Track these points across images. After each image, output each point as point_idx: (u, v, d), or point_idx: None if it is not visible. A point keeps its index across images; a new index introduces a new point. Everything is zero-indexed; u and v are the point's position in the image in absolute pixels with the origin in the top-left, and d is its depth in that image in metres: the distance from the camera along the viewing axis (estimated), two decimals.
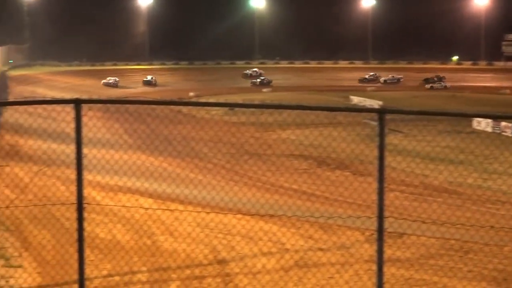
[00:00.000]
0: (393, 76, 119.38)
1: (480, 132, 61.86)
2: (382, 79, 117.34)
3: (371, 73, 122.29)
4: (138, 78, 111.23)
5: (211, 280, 21.16)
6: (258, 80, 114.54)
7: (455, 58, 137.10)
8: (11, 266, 21.35)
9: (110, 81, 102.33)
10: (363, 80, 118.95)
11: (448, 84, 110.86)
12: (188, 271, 21.86)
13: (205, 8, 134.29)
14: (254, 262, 23.03)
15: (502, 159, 49.31)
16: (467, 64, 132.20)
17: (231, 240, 24.79)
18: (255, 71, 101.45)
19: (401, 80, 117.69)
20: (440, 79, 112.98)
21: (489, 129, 63.22)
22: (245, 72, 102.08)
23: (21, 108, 54.59)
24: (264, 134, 56.63)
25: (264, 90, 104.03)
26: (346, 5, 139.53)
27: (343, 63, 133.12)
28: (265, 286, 20.37)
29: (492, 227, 28.64)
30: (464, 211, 34.39)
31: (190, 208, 28.67)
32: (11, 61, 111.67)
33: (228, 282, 21.18)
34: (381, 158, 8.45)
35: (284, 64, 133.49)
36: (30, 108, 59.09)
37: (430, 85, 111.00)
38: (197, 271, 21.99)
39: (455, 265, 23.43)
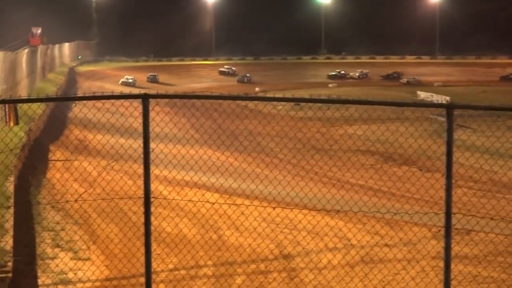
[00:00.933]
0: (362, 71, 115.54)
1: None
2: (356, 75, 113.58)
3: (338, 70, 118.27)
4: (204, 73, 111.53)
5: (277, 275, 21.18)
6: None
7: None
8: (80, 259, 21.63)
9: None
10: (332, 77, 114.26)
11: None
12: (253, 266, 21.91)
13: (271, 2, 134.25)
14: (320, 258, 23.00)
15: None
16: None
17: (297, 235, 24.78)
18: (230, 68, 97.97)
19: (368, 75, 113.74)
20: None
21: None
22: (220, 69, 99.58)
23: (89, 103, 55.19)
24: (330, 129, 56.41)
25: (330, 85, 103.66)
26: None
27: (409, 58, 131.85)
28: (330, 281, 20.30)
29: None
30: None
31: (256, 203, 28.70)
32: (80, 57, 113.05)
33: (294, 277, 21.18)
34: (449, 153, 8.34)
35: (350, 59, 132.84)
36: (99, 103, 59.62)
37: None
38: (262, 266, 22.04)
39: None
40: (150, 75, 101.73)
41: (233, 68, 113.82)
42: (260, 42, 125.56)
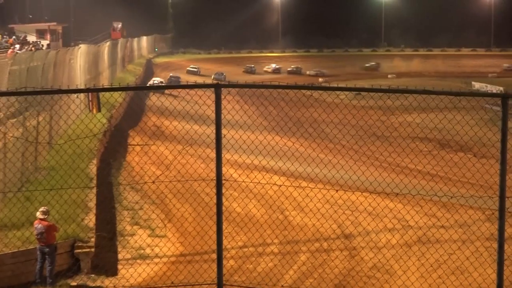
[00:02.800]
0: (296, 67, 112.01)
1: None
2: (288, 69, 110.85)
3: (294, 66, 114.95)
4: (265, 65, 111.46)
5: (338, 253, 21.17)
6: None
7: None
8: (156, 236, 21.88)
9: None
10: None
11: None
12: (316, 244, 21.94)
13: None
14: (379, 237, 22.93)
15: None
16: None
17: (358, 216, 24.71)
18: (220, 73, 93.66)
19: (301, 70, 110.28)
20: None
21: None
22: (188, 68, 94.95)
23: (165, 92, 55.71)
24: (390, 118, 56.07)
25: (389, 76, 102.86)
26: None
27: (465, 51, 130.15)
28: (389, 260, 20.23)
29: None
30: None
31: (319, 186, 28.63)
32: (157, 49, 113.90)
33: (354, 255, 21.16)
34: (503, 141, 8.26)
35: (409, 51, 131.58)
36: (174, 92, 60.21)
37: None
38: (325, 245, 22.05)
39: None
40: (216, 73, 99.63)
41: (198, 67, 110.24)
42: (323, 35, 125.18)
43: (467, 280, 17.25)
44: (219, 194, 8.94)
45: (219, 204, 8.92)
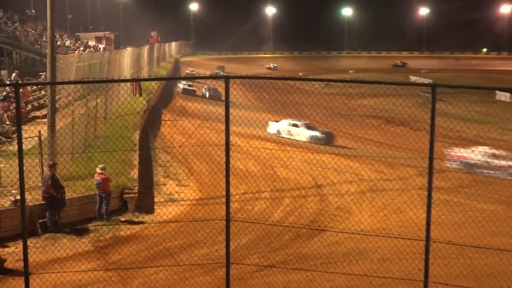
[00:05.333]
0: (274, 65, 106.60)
1: (501, 101, 59.55)
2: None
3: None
4: (264, 63, 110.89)
5: (312, 198, 21.23)
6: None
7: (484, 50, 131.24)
8: (182, 185, 21.93)
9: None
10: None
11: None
12: (297, 192, 21.99)
13: (314, 15, 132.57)
14: (342, 187, 22.97)
15: None
16: (493, 54, 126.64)
17: (327, 172, 24.77)
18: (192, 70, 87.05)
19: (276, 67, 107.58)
20: None
21: (508, 100, 60.59)
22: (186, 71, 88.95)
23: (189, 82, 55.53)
24: (350, 101, 56.00)
25: (350, 71, 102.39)
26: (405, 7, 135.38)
27: (404, 53, 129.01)
28: (349, 203, 20.32)
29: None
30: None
31: (300, 150, 28.67)
32: (182, 51, 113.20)
33: (324, 200, 21.21)
34: (432, 118, 8.24)
35: (364, 53, 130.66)
36: (195, 82, 60.05)
37: None
38: (303, 192, 22.10)
39: (482, 192, 22.81)
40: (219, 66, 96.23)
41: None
42: (302, 40, 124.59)
43: (404, 218, 17.30)
44: (227, 155, 8.92)
45: (227, 162, 8.90)
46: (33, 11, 66.42)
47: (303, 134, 36.21)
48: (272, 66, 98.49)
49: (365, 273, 12.44)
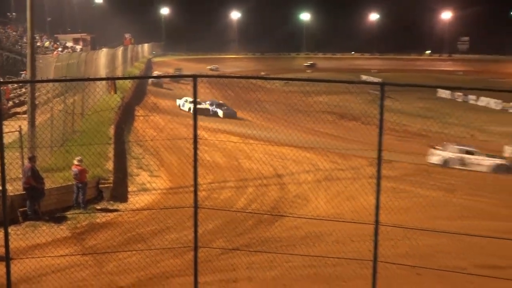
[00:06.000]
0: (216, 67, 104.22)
1: (442, 98, 60.48)
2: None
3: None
4: (229, 63, 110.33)
5: (273, 187, 21.28)
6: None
7: (427, 52, 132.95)
8: (154, 176, 21.77)
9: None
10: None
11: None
12: (259, 181, 22.01)
13: (274, 18, 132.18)
14: (300, 176, 23.06)
15: (456, 116, 48.40)
16: (435, 56, 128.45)
17: (286, 163, 24.84)
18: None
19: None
20: None
21: (448, 97, 61.59)
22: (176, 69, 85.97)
23: (159, 80, 55.11)
24: (307, 98, 56.25)
25: (307, 71, 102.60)
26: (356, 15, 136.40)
27: (356, 54, 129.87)
28: (306, 190, 20.44)
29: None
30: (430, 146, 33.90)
31: (261, 143, 28.69)
32: (154, 52, 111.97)
33: (284, 188, 21.27)
34: (381, 113, 8.30)
35: (320, 55, 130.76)
36: (165, 81, 59.57)
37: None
38: (265, 181, 22.13)
39: (424, 180, 23.17)
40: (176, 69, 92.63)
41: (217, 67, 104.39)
42: (265, 43, 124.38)
43: (356, 204, 17.48)
44: (195, 148, 8.88)
45: (195, 154, 8.86)
46: (13, 14, 65.10)
47: (483, 163, 27.65)
48: (213, 68, 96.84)
49: (321, 254, 12.53)
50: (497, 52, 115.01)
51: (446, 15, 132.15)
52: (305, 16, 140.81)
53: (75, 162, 16.76)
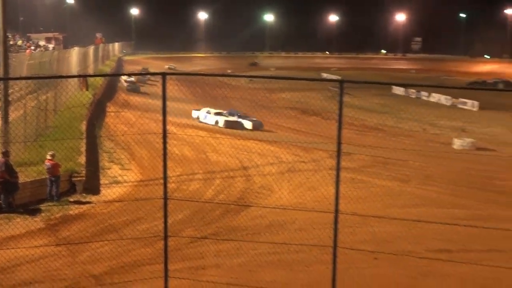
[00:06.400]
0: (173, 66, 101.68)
1: (396, 95, 61.24)
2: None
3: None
4: (197, 62, 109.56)
5: (239, 179, 21.26)
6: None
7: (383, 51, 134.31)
8: (125, 169, 21.53)
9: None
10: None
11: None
12: (226, 173, 21.97)
13: (240, 19, 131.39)
14: (264, 168, 23.07)
15: (409, 111, 49.14)
16: (390, 55, 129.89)
17: (251, 156, 24.83)
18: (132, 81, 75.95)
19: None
20: None
21: (402, 93, 62.38)
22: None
23: (128, 78, 54.40)
24: (271, 95, 56.44)
25: (271, 69, 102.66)
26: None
27: (318, 54, 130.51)
28: (270, 182, 20.49)
29: (404, 149, 28.67)
30: (386, 140, 34.36)
31: (228, 137, 28.65)
32: (124, 51, 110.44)
33: (249, 180, 21.27)
34: (340, 109, 8.36)
35: (283, 54, 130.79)
36: (135, 78, 58.82)
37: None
38: (231, 173, 22.10)
39: (381, 171, 23.43)
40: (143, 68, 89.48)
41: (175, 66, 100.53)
42: (231, 42, 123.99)
43: (317, 193, 17.60)
44: (164, 142, 8.83)
45: (164, 148, 8.80)
46: None
47: None
48: (172, 67, 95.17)
49: (284, 242, 12.61)
50: (447, 51, 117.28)
51: (401, 17, 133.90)
52: (269, 17, 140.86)
53: (48, 156, 16.50)
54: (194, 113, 37.20)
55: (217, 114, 36.03)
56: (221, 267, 11.34)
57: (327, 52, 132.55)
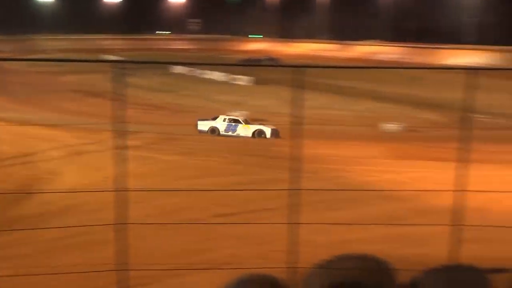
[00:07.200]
0: None
1: (175, 73, 62.29)
2: None
3: None
4: None
5: (21, 166, 19.87)
6: None
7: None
8: None
9: None
10: None
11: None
12: (7, 162, 20.31)
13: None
14: (49, 153, 21.92)
15: (190, 88, 50.72)
16: (172, 36, 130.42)
17: (35, 142, 23.34)
18: None
19: None
20: None
21: (184, 72, 63.50)
22: None
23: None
24: (56, 78, 53.71)
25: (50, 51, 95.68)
26: None
27: (101, 35, 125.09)
28: (56, 164, 19.74)
29: (188, 124, 29.54)
30: (170, 117, 35.14)
31: (8, 124, 26.42)
32: None
33: (34, 166, 20.01)
34: (122, 89, 8.28)
35: (66, 36, 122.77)
36: None
37: None
38: (13, 161, 20.52)
39: (166, 147, 23.75)
40: None
41: None
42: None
43: (106, 174, 17.20)
44: None
45: None
46: None
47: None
48: None
49: (76, 224, 12.35)
50: (226, 32, 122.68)
51: None
52: None
53: None
54: (202, 125, 30.10)
55: (233, 121, 29.85)
56: (11, 259, 10.71)
57: (110, 34, 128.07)
